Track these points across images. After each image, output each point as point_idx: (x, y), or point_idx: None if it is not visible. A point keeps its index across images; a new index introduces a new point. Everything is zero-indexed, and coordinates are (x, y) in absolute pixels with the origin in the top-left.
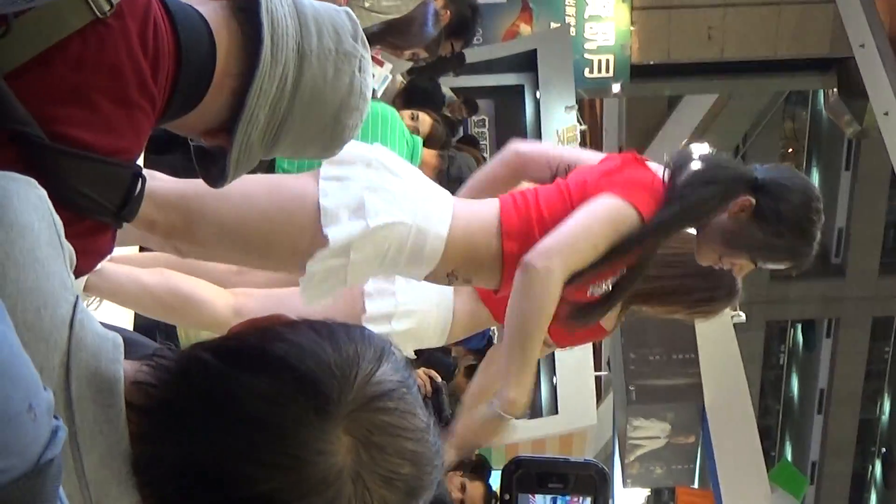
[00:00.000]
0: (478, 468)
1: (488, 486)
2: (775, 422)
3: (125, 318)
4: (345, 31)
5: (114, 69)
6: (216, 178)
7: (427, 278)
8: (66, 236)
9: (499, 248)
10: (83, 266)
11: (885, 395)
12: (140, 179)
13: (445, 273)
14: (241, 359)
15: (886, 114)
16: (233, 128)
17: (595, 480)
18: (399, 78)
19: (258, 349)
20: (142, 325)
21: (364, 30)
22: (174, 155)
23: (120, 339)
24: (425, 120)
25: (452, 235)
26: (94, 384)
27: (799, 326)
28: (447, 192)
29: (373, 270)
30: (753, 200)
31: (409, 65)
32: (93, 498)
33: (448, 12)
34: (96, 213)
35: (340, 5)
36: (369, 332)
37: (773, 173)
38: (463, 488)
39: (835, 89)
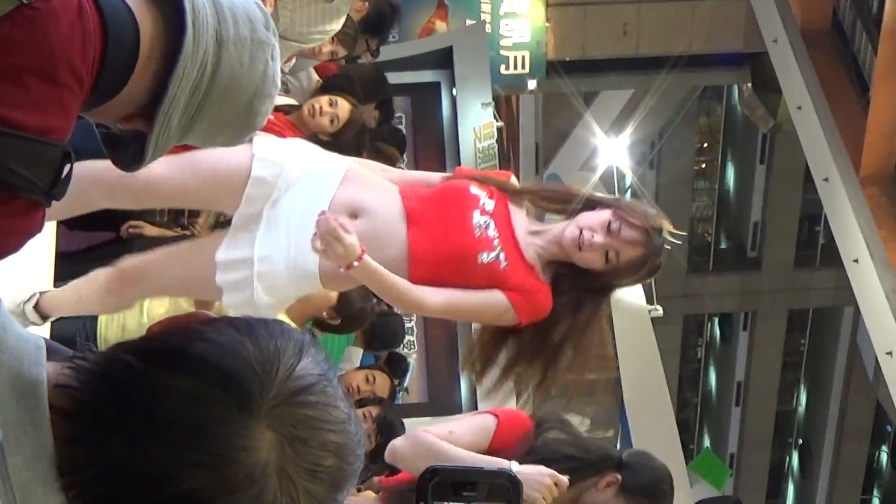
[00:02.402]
0: (391, 363)
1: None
2: (694, 415)
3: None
4: (257, 20)
5: (43, 50)
6: (130, 162)
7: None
8: None
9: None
10: (13, 244)
11: (802, 386)
12: (69, 158)
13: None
14: (162, 359)
15: (800, 108)
16: (154, 111)
17: (508, 489)
18: (315, 77)
19: (178, 348)
20: (61, 326)
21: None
22: None
23: (42, 342)
24: (343, 105)
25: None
26: (16, 387)
27: (716, 320)
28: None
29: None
30: (619, 477)
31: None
32: (17, 499)
33: (366, 5)
34: (28, 192)
35: None
36: (288, 326)
37: (634, 456)
38: (369, 380)
39: (749, 84)
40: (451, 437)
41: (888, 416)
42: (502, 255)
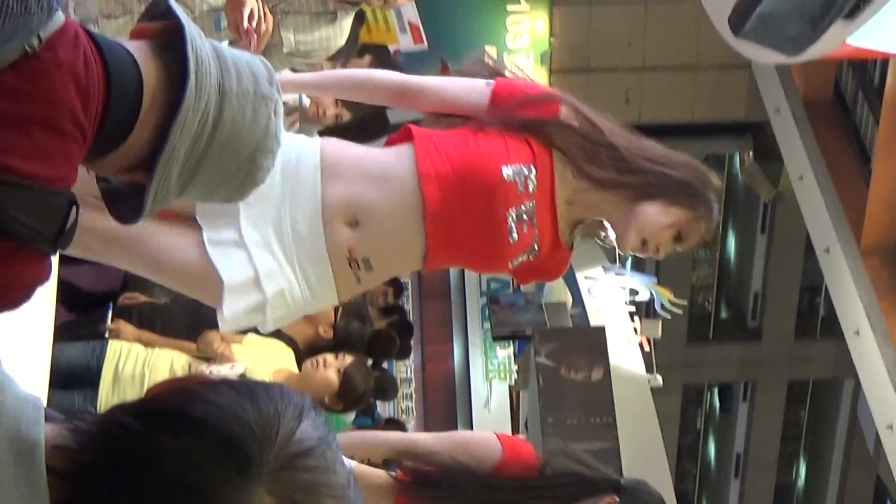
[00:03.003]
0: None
1: None
2: (693, 486)
3: (41, 377)
4: (261, 75)
5: (48, 99)
6: (128, 216)
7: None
8: (3, 268)
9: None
10: (20, 294)
11: (801, 458)
12: (75, 207)
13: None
14: (162, 421)
15: (801, 178)
16: (153, 163)
17: None
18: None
19: (178, 411)
20: (61, 399)
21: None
22: None
23: (41, 403)
24: (345, 112)
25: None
26: (14, 447)
27: (715, 390)
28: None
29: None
30: (617, 499)
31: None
32: None
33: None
34: (34, 241)
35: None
36: (288, 389)
37: (632, 482)
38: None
39: (751, 153)
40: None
41: (888, 491)
42: (535, 248)
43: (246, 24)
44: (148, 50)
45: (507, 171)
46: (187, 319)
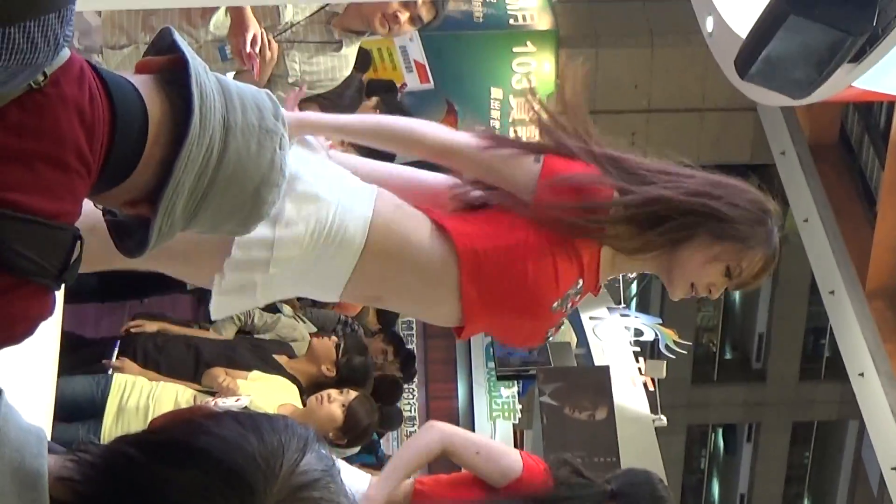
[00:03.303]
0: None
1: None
2: None
3: (45, 410)
4: (266, 109)
5: (53, 134)
6: (133, 249)
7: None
8: (7, 302)
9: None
10: (24, 329)
11: (805, 500)
12: (80, 242)
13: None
14: (166, 452)
15: (806, 220)
16: (158, 197)
17: None
18: None
19: (182, 442)
20: (64, 431)
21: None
22: None
23: (44, 434)
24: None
25: (379, 218)
26: (17, 479)
27: (720, 431)
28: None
29: (294, 269)
30: None
31: None
32: None
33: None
34: (38, 276)
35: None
36: (292, 421)
37: (623, 482)
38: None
39: None
40: (479, 460)
41: None
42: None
43: (249, 48)
44: (153, 84)
45: (555, 304)
46: (192, 360)
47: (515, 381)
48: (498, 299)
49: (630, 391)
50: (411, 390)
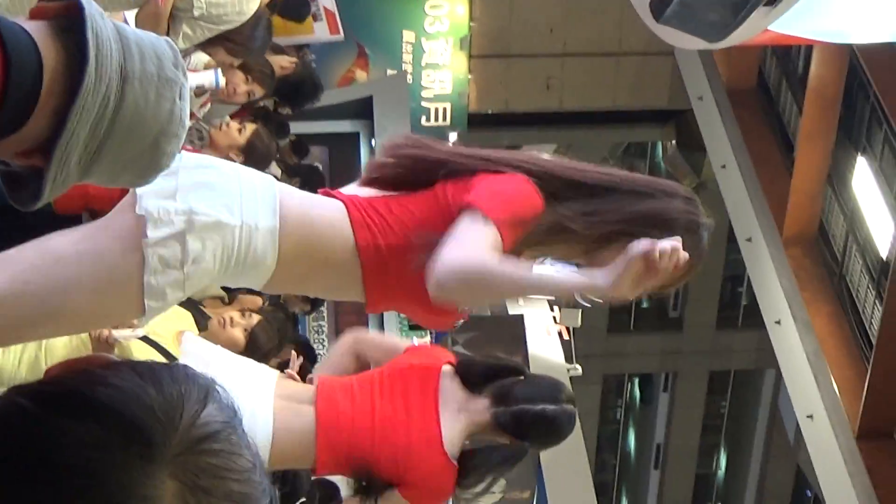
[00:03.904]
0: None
1: None
2: (612, 477)
3: None
4: (166, 57)
5: None
6: (26, 200)
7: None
8: None
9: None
10: None
11: (722, 449)
12: None
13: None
14: (61, 404)
15: (724, 166)
16: (51, 147)
17: None
18: (227, 119)
19: (78, 393)
20: None
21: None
22: None
23: None
24: (249, 127)
25: (286, 230)
26: None
27: (636, 380)
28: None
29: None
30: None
31: (235, 109)
32: None
33: (293, 66)
34: None
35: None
36: (193, 371)
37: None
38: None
39: (673, 141)
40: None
41: (808, 481)
42: None
43: None
44: (47, 31)
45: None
46: None
47: (428, 331)
48: (401, 295)
49: (545, 340)
50: (321, 340)
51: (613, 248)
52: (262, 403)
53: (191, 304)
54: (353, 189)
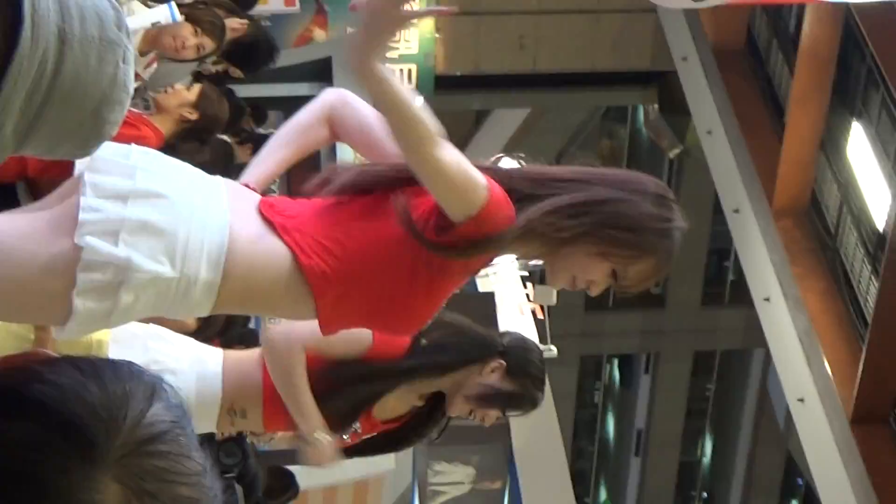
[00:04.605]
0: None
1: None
2: (590, 465)
3: None
4: (108, 17)
5: None
6: None
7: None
8: None
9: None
10: None
11: (707, 435)
12: None
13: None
14: None
15: (710, 132)
16: None
17: None
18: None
19: (14, 391)
20: None
21: None
22: None
23: None
24: (208, 42)
25: (227, 283)
26: None
27: (615, 361)
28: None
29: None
30: (504, 362)
31: (194, 67)
32: None
33: (244, 27)
34: None
35: None
36: (138, 368)
37: (514, 342)
38: None
39: (655, 105)
40: (324, 343)
41: (799, 469)
42: None
43: None
44: None
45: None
46: None
47: None
48: (362, 320)
49: (517, 320)
50: None
51: (577, 248)
52: (209, 351)
53: None
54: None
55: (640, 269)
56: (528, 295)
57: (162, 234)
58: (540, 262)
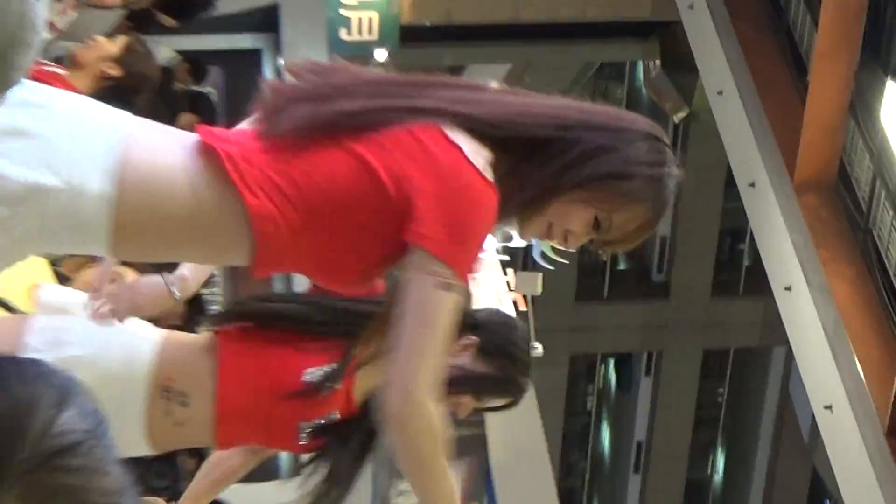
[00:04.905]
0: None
1: None
2: (581, 483)
3: None
4: None
5: None
6: None
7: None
8: None
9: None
10: None
11: (719, 449)
12: None
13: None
14: None
15: (720, 93)
16: None
17: None
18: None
19: None
20: None
21: None
22: None
23: None
24: (121, 37)
25: (124, 189)
26: None
27: (611, 361)
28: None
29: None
30: (476, 338)
31: (119, 15)
32: None
33: None
34: None
35: None
36: (49, 368)
37: (485, 315)
38: None
39: (657, 61)
40: None
41: (826, 487)
42: None
43: None
44: None
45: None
46: None
47: None
48: (301, 270)
49: None
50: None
51: (550, 211)
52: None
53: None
54: (242, 135)
55: (627, 219)
56: (508, 283)
57: (37, 139)
58: (520, 244)
